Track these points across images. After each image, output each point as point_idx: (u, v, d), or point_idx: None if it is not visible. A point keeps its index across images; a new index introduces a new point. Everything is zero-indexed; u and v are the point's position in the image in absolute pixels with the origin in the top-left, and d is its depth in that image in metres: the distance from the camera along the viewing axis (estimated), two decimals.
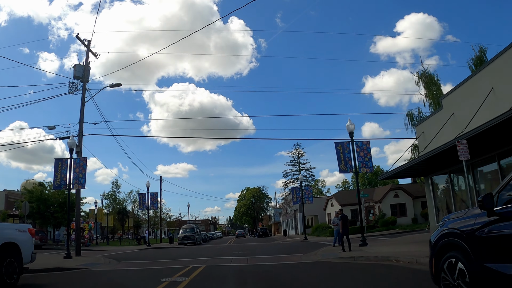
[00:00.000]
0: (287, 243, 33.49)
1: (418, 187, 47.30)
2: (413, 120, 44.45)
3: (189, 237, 43.58)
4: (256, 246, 29.68)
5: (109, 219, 62.62)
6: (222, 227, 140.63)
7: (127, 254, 25.53)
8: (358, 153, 21.64)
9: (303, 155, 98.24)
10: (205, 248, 31.14)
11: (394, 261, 13.11)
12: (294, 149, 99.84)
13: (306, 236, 36.72)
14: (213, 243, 45.56)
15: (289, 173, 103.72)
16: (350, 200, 47.61)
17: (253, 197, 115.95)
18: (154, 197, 38.54)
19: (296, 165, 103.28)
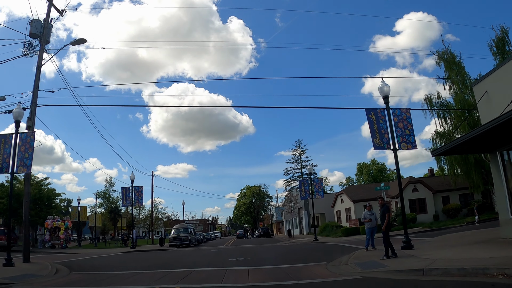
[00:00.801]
0: (295, 245, 27.70)
1: (439, 180, 41.64)
2: (432, 105, 39.02)
3: (181, 238, 37.83)
4: (259, 249, 23.94)
5: (98, 218, 56.98)
6: (221, 227, 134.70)
7: (94, 260, 19.80)
8: (396, 123, 15.81)
9: (304, 153, 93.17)
10: (198, 252, 25.41)
11: (499, 275, 7.52)
12: (295, 146, 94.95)
13: (316, 236, 30.91)
14: (209, 245, 39.73)
15: (290, 171, 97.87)
16: (363, 195, 41.81)
17: (253, 196, 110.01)
18: (140, 192, 32.81)
19: (297, 163, 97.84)
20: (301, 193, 31.22)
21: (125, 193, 32.81)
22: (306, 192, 31.18)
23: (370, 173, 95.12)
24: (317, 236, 30.93)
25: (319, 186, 31.40)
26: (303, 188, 31.27)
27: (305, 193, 31.19)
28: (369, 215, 15.95)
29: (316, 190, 31.34)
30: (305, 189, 31.36)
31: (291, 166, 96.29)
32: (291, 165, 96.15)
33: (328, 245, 23.17)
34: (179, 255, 21.78)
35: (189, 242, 38.01)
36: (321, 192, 31.52)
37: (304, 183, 31.05)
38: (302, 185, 31.34)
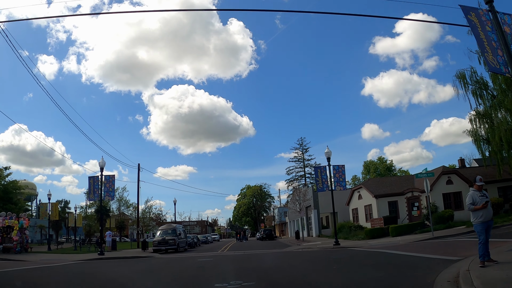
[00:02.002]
0: (315, 252, 20.25)
1: (472, 171, 34.30)
2: (466, 82, 31.91)
3: (167, 241, 30.41)
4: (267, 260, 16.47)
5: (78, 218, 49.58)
6: (220, 229, 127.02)
7: (10, 273, 12.27)
8: None
9: (307, 151, 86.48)
10: (178, 262, 18.01)
11: None
12: (298, 144, 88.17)
13: (337, 239, 23.34)
14: (201, 250, 32.24)
15: (293, 171, 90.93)
16: (387, 189, 34.34)
17: (254, 196, 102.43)
18: (111, 182, 25.36)
19: (300, 161, 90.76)
20: (317, 183, 23.80)
21: (93, 184, 25.37)
22: (323, 182, 23.77)
23: (377, 171, 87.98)
24: (338, 239, 23.41)
25: (340, 174, 24.01)
26: (319, 177, 23.83)
27: (322, 184, 23.77)
28: (482, 198, 8.44)
29: (337, 180, 23.94)
30: (322, 179, 23.93)
31: (293, 165, 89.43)
32: (293, 164, 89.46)
33: (368, 254, 15.71)
34: (143, 269, 14.41)
35: (176, 247, 30.59)
36: (342, 182, 24.10)
37: (320, 171, 23.57)
38: (319, 173, 23.88)
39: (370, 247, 19.74)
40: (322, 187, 23.73)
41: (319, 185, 23.73)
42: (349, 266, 11.54)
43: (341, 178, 24.17)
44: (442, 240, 19.77)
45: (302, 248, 23.27)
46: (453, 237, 21.09)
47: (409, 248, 16.05)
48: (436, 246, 15.93)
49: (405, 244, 19.42)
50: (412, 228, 28.14)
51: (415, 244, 18.31)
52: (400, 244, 19.81)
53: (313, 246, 24.70)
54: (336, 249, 20.70)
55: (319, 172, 23.32)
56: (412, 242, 20.39)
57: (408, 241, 20.89)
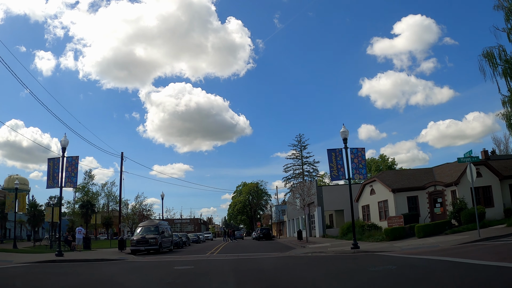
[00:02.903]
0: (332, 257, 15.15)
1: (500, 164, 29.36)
2: (495, 63, 27.12)
3: (147, 240, 25.28)
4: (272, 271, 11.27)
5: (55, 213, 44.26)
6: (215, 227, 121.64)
7: None
8: None
9: (306, 148, 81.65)
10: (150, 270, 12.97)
11: None
12: (296, 141, 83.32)
13: (356, 242, 18.11)
14: (188, 252, 27.15)
15: (290, 168, 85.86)
16: (405, 182, 29.32)
17: (250, 194, 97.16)
18: (73, 166, 20.04)
19: (298, 159, 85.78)
20: (331, 170, 18.61)
21: (52, 167, 20.06)
22: (338, 169, 18.59)
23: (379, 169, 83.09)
24: (356, 242, 18.21)
25: (359, 160, 18.91)
26: (334, 162, 18.64)
27: (337, 171, 18.58)
28: None
29: (355, 167, 18.83)
30: (337, 165, 18.74)
31: (291, 163, 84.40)
32: (291, 161, 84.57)
33: (423, 263, 10.55)
34: (103, 278, 9.22)
35: (159, 247, 25.43)
36: (362, 169, 18.97)
37: (335, 156, 18.50)
38: (333, 158, 18.69)
39: (406, 252, 14.65)
40: (338, 174, 18.66)
41: (334, 173, 18.64)
42: None
43: (360, 164, 19.11)
44: (499, 242, 14.73)
45: (311, 252, 18.10)
46: (501, 239, 16.08)
47: (476, 254, 10.95)
48: None
49: (454, 248, 14.35)
50: (440, 228, 23.14)
51: (470, 249, 13.24)
52: (445, 248, 14.75)
53: (324, 249, 19.57)
54: (358, 254, 15.59)
55: (333, 156, 18.19)
56: (457, 245, 15.35)
57: (451, 244, 15.85)
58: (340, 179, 19.04)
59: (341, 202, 38.61)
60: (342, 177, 18.90)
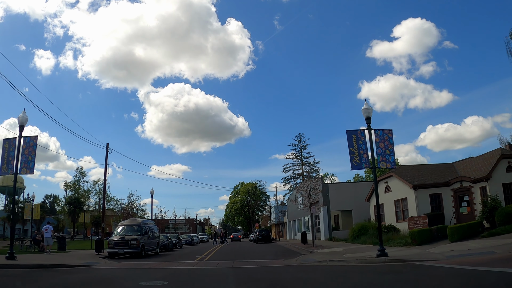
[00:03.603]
0: (364, 269, 11.25)
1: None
2: None
3: (127, 242, 21.33)
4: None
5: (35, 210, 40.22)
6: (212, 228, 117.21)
7: None
8: None
9: (306, 148, 78.04)
10: (111, 283, 8.78)
11: None
12: (296, 141, 79.60)
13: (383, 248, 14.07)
14: (175, 256, 23.16)
15: (290, 168, 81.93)
16: (426, 178, 25.38)
17: (248, 194, 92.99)
18: (31, 147, 16.03)
19: (298, 159, 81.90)
20: (351, 157, 14.59)
21: (7, 150, 16.03)
22: (361, 155, 14.61)
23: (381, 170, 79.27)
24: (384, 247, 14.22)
25: (386, 144, 14.98)
26: (355, 147, 14.64)
27: (359, 158, 14.57)
28: None
29: (381, 153, 14.89)
30: (359, 150, 14.78)
31: (290, 163, 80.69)
32: (290, 161, 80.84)
33: None
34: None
35: (140, 250, 21.42)
36: (390, 155, 15.00)
37: (356, 138, 14.61)
38: (354, 141, 14.69)
39: (457, 261, 10.72)
40: (360, 162, 14.73)
41: (355, 159, 14.71)
42: None
43: (387, 149, 15.14)
44: None
45: (326, 261, 14.05)
46: None
47: None
48: None
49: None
50: (473, 230, 19.24)
51: None
52: (505, 255, 10.79)
53: (338, 256, 15.61)
54: (393, 264, 11.62)
55: (353, 139, 14.31)
56: None
57: (508, 250, 11.88)
58: (363, 167, 15.06)
59: (349, 201, 34.71)
60: (365, 165, 14.97)
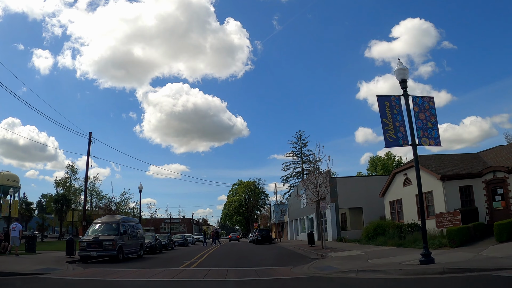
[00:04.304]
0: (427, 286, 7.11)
1: None
2: None
3: (101, 243, 17.71)
4: None
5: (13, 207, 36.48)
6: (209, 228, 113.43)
7: None
8: None
9: (306, 145, 74.74)
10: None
11: None
12: (295, 138, 76.21)
13: (429, 252, 10.37)
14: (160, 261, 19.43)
15: (290, 166, 78.48)
16: (455, 167, 21.72)
17: (246, 193, 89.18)
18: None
19: (298, 157, 78.44)
20: (385, 130, 10.87)
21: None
22: (397, 129, 10.88)
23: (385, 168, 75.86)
24: (429, 251, 10.51)
25: (428, 115, 11.30)
26: (389, 117, 10.87)
27: (395, 132, 10.82)
28: None
29: (422, 127, 11.19)
30: (394, 121, 11.05)
31: (290, 161, 77.44)
32: (290, 159, 77.48)
33: None
34: None
35: (117, 253, 17.69)
36: (433, 130, 11.29)
37: (390, 105, 10.88)
38: (386, 110, 10.93)
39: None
40: (396, 137, 11.04)
41: (389, 134, 11.01)
42: None
43: (429, 122, 11.47)
44: None
45: (355, 271, 10.25)
46: None
47: None
48: None
49: None
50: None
51: None
52: None
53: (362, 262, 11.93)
54: (455, 276, 7.84)
55: (386, 107, 10.68)
56: None
57: None
58: (399, 144, 11.19)
59: (358, 197, 30.99)
60: (402, 141, 11.20)
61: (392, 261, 12.07)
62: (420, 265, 10.20)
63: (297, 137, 77.04)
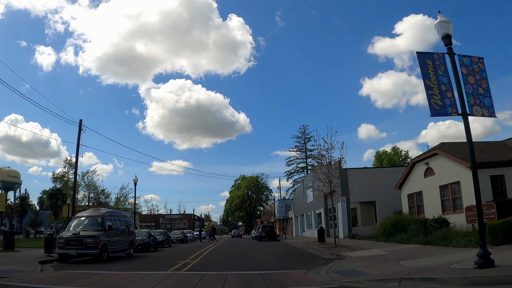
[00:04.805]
0: None
1: None
2: None
3: (82, 240, 15.26)
4: None
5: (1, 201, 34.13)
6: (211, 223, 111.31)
7: None
8: None
9: (310, 140, 72.30)
10: None
11: None
12: (299, 132, 73.75)
13: (489, 252, 7.93)
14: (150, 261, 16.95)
15: (293, 161, 76.08)
16: (484, 155, 19.09)
17: (249, 188, 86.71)
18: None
19: (301, 151, 75.97)
20: (429, 94, 8.40)
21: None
22: (443, 94, 8.41)
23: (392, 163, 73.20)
24: (487, 251, 8.02)
25: (479, 79, 8.80)
26: (433, 79, 8.39)
27: (441, 98, 8.30)
28: None
29: (472, 92, 8.69)
30: (439, 84, 8.51)
31: (294, 156, 75.07)
32: (294, 154, 75.08)
33: None
34: None
35: (100, 251, 15.27)
36: (484, 96, 8.74)
37: (433, 64, 8.26)
38: (429, 70, 8.40)
39: None
40: (443, 104, 8.48)
41: (435, 99, 8.46)
42: None
43: (480, 87, 8.92)
44: None
45: (396, 279, 7.68)
46: None
47: None
48: None
49: None
50: None
51: None
52: None
53: (394, 264, 9.48)
54: None
55: (429, 67, 8.15)
56: None
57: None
58: (448, 112, 8.56)
59: (371, 190, 28.39)
60: (451, 109, 8.62)
61: (432, 263, 9.53)
62: (479, 269, 7.69)
63: (301, 132, 74.61)
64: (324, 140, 19.78)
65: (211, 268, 11.59)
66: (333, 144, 19.83)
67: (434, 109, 8.43)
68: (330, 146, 19.83)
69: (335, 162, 21.76)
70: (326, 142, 19.83)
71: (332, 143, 19.80)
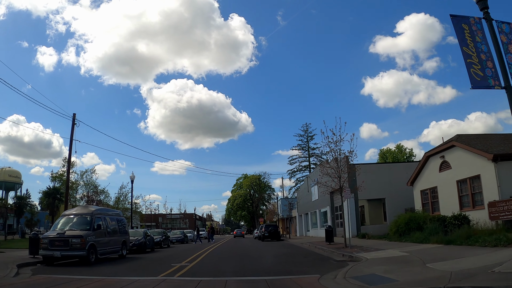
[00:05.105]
0: None
1: None
2: None
3: (67, 240, 13.79)
4: None
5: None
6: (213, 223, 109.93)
7: None
8: None
9: (313, 138, 70.99)
10: None
11: None
12: (302, 131, 72.31)
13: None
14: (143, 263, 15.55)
15: (296, 160, 74.59)
16: (505, 146, 17.50)
17: (251, 187, 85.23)
18: None
19: (304, 150, 74.44)
20: (469, 64, 6.99)
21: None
22: (483, 63, 6.89)
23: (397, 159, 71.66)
24: None
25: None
26: (472, 47, 6.96)
27: (482, 68, 6.72)
28: None
29: None
30: (478, 52, 7.07)
31: (296, 154, 73.63)
32: (296, 152, 73.69)
33: None
34: None
35: (87, 253, 13.81)
36: None
37: (470, 32, 6.73)
38: (467, 37, 6.92)
39: None
40: (484, 75, 7.01)
41: (474, 70, 6.96)
42: None
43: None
44: None
45: (447, 283, 6.27)
46: None
47: None
48: None
49: None
50: None
51: None
52: None
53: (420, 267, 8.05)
54: None
55: (466, 32, 6.72)
56: None
57: None
58: (490, 84, 7.12)
59: (380, 187, 26.85)
60: (493, 81, 7.18)
61: (468, 266, 8.02)
62: None
63: (303, 130, 73.17)
64: (333, 131, 18.30)
65: (209, 273, 10.13)
66: (342, 137, 18.37)
67: (475, 80, 6.96)
68: (339, 138, 18.36)
69: (344, 156, 20.27)
70: (335, 134, 18.37)
71: (341, 135, 18.33)
